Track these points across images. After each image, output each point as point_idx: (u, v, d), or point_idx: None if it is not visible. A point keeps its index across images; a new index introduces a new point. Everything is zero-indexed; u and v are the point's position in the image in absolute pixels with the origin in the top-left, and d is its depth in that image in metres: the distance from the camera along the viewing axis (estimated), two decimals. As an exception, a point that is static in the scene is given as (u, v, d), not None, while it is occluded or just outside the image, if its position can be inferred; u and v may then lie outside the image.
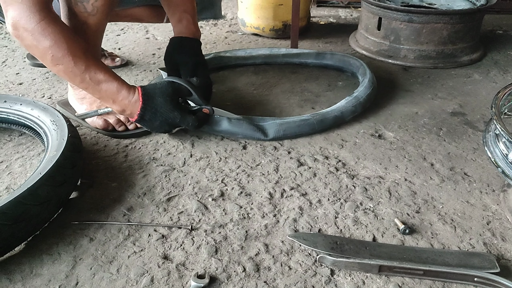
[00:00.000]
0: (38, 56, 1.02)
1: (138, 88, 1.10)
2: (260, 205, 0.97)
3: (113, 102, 1.08)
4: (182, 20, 1.31)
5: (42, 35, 0.97)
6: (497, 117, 0.92)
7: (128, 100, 1.08)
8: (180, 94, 1.14)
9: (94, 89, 1.06)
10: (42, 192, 0.84)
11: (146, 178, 1.06)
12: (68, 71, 1.02)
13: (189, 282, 0.77)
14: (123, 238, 0.87)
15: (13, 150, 1.18)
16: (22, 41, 0.99)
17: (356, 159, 1.13)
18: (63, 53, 0.99)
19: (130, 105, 1.09)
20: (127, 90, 1.08)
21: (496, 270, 0.77)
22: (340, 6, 2.68)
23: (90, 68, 1.03)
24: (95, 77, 1.04)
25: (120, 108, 1.10)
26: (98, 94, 1.08)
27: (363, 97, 1.33)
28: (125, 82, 1.09)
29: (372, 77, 1.44)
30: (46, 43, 0.98)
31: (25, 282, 0.78)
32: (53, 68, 1.03)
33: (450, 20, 1.66)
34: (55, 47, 0.98)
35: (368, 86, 1.38)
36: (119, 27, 2.30)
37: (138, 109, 1.09)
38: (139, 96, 1.08)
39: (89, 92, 1.09)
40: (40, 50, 0.99)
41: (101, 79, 1.05)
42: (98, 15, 1.12)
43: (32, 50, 1.01)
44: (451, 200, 0.98)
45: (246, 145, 1.19)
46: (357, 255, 0.81)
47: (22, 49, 1.98)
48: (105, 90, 1.06)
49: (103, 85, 1.05)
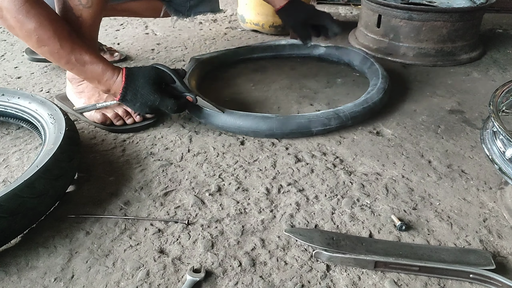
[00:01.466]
0: (22, 37, 1.02)
1: (122, 69, 1.13)
2: (257, 200, 0.97)
3: (98, 82, 1.12)
4: None
5: (26, 17, 0.97)
6: (495, 114, 0.92)
7: (113, 80, 1.12)
8: (163, 79, 1.17)
9: (80, 70, 1.09)
10: (39, 185, 0.84)
11: (143, 173, 1.06)
12: (54, 53, 1.04)
13: (185, 276, 0.77)
14: (119, 232, 0.87)
15: (11, 143, 1.18)
16: (4, 22, 0.99)
17: (354, 155, 1.13)
18: (48, 35, 1.00)
19: (114, 85, 1.13)
20: (111, 71, 1.12)
21: (492, 267, 0.77)
22: (340, 3, 2.68)
23: (76, 49, 1.05)
24: (80, 58, 1.06)
25: (105, 88, 1.14)
26: (84, 75, 1.11)
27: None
28: (110, 63, 1.13)
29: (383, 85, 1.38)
30: (30, 25, 0.98)
31: (21, 275, 0.78)
32: (38, 49, 1.04)
33: (449, 18, 1.66)
34: (40, 29, 0.99)
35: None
36: (119, 22, 2.30)
37: (120, 89, 1.12)
38: (122, 77, 1.12)
39: (74, 73, 1.12)
40: (23, 31, 0.99)
41: (87, 60, 1.08)
42: (93, 7, 1.11)
43: (15, 31, 1.01)
44: (448, 197, 0.98)
45: (244, 141, 1.19)
46: (353, 250, 0.81)
47: (21, 43, 1.98)
48: (90, 71, 1.09)
49: (88, 66, 1.08)
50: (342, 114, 1.21)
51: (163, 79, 1.16)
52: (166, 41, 2.02)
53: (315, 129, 1.19)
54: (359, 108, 1.24)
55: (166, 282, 0.76)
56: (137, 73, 1.14)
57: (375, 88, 1.33)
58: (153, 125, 1.26)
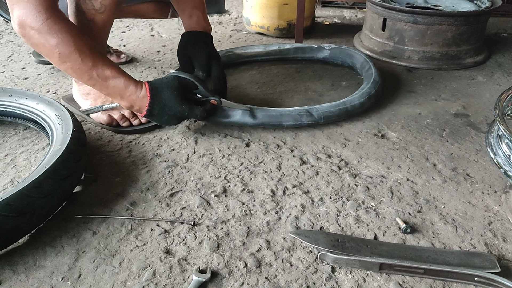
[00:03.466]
0: (45, 54, 1.02)
1: (145, 83, 1.11)
2: (262, 202, 0.97)
3: (121, 98, 1.09)
4: (193, 16, 1.33)
5: (49, 33, 0.97)
6: (500, 118, 0.92)
7: (136, 96, 1.09)
8: (187, 87, 1.15)
9: (102, 86, 1.07)
10: (47, 185, 0.85)
11: (150, 174, 1.06)
12: (76, 68, 1.03)
13: (190, 276, 0.78)
14: (125, 232, 0.88)
15: (18, 143, 1.19)
16: (28, 39, 1.00)
17: (359, 158, 1.13)
18: (70, 50, 1.00)
19: (138, 100, 1.10)
20: (134, 86, 1.09)
21: (497, 270, 0.77)
22: (345, 6, 2.68)
23: (97, 64, 1.04)
24: (102, 73, 1.05)
25: (128, 104, 1.11)
26: (106, 91, 1.08)
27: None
28: (132, 77, 1.10)
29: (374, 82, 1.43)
30: (52, 41, 0.98)
31: (29, 274, 0.78)
32: (61, 66, 1.03)
33: (454, 22, 1.66)
34: (62, 44, 0.99)
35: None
36: (124, 24, 2.31)
37: (146, 104, 1.10)
38: (146, 91, 1.09)
39: (96, 89, 1.09)
40: (47, 48, 0.99)
41: (109, 76, 1.05)
42: (105, 12, 1.13)
43: (39, 49, 1.01)
44: (453, 200, 0.98)
45: (249, 143, 1.19)
46: (358, 253, 0.81)
47: (28, 45, 1.99)
48: (112, 86, 1.07)
49: (110, 81, 1.06)
50: (315, 113, 1.24)
51: (186, 87, 1.15)
52: (171, 43, 2.03)
53: (286, 123, 1.23)
54: (334, 109, 1.27)
55: (172, 282, 0.77)
56: (160, 86, 1.11)
57: (360, 92, 1.35)
58: (159, 126, 1.27)
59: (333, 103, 1.28)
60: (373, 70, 1.49)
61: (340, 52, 1.72)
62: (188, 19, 1.34)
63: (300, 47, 1.78)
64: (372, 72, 1.48)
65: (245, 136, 1.22)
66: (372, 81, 1.40)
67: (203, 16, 1.34)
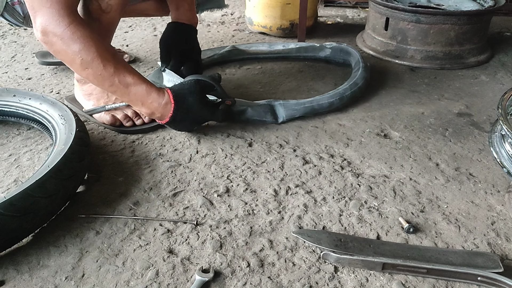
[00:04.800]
0: (67, 61, 1.02)
1: (167, 90, 1.10)
2: (265, 201, 0.97)
3: (142, 104, 1.09)
4: (180, 7, 1.35)
5: (71, 39, 0.97)
6: (503, 117, 0.92)
7: (158, 103, 1.09)
8: (206, 90, 1.16)
9: (123, 92, 1.06)
10: (50, 185, 0.85)
11: (153, 174, 1.07)
12: (97, 75, 1.02)
13: (193, 276, 0.78)
14: (129, 232, 0.88)
15: (22, 143, 1.19)
16: (51, 46, 1.00)
17: (362, 158, 1.13)
18: (92, 56, 1.00)
19: (160, 108, 1.10)
20: (156, 93, 1.08)
21: (500, 269, 0.77)
22: (347, 6, 2.68)
23: (119, 71, 1.03)
24: (124, 80, 1.04)
25: (149, 111, 1.11)
26: (127, 98, 1.08)
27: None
28: (153, 84, 1.10)
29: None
30: (75, 47, 0.98)
31: (32, 273, 0.79)
32: (82, 73, 1.03)
33: (457, 21, 1.66)
34: (84, 50, 0.99)
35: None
36: (127, 24, 2.31)
37: (170, 111, 1.10)
38: (169, 98, 1.09)
39: (117, 96, 1.09)
40: (69, 54, 1.00)
41: (130, 82, 1.05)
42: (111, 13, 1.13)
43: (62, 55, 1.01)
44: (456, 200, 0.98)
45: (252, 143, 1.19)
46: (361, 252, 0.81)
47: (31, 45, 2.00)
48: (134, 93, 1.07)
49: (132, 88, 1.06)
50: (276, 109, 1.29)
51: (206, 90, 1.16)
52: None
53: (251, 118, 1.28)
54: (299, 107, 1.29)
55: (175, 282, 0.77)
56: (183, 92, 1.11)
57: (334, 92, 1.36)
58: (162, 126, 1.27)
59: (300, 101, 1.31)
60: (360, 71, 1.48)
61: (341, 50, 1.72)
62: (175, 10, 1.36)
63: (303, 46, 1.78)
64: (358, 73, 1.47)
65: (247, 136, 1.22)
66: (351, 83, 1.41)
67: (189, 8, 1.36)
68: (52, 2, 0.95)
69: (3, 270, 0.79)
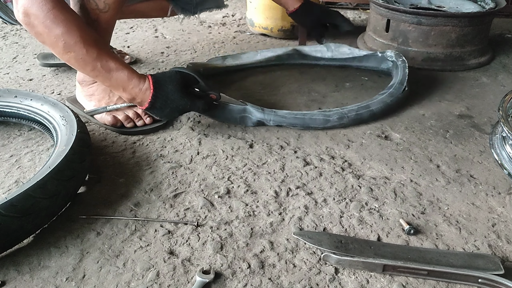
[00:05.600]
0: (48, 44, 1.02)
1: (148, 77, 1.12)
2: (265, 203, 0.97)
3: (123, 90, 1.10)
4: None
5: (54, 22, 0.97)
6: (504, 119, 0.92)
7: (139, 88, 1.10)
8: (188, 82, 1.17)
9: (105, 77, 1.08)
10: (51, 186, 0.85)
11: (153, 175, 1.07)
12: (79, 59, 1.03)
13: (194, 277, 0.78)
14: (129, 233, 0.88)
15: (23, 144, 1.19)
16: (32, 28, 1.00)
17: (362, 159, 1.13)
18: (75, 40, 1.00)
19: (140, 93, 1.11)
20: (137, 79, 1.10)
21: (501, 272, 0.77)
22: (348, 7, 2.68)
23: (102, 56, 1.05)
24: (106, 65, 1.05)
25: (130, 96, 1.12)
26: (109, 82, 1.09)
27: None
28: (135, 71, 1.12)
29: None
30: (58, 31, 0.98)
31: (33, 274, 0.79)
32: (64, 56, 1.04)
33: (458, 23, 1.66)
34: (67, 34, 0.99)
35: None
36: (128, 26, 2.32)
37: (149, 97, 1.11)
38: (149, 84, 1.11)
39: (99, 80, 1.11)
40: (51, 37, 1.00)
41: (112, 67, 1.06)
42: (109, 12, 1.13)
43: (43, 38, 1.01)
44: (457, 202, 0.98)
45: (253, 144, 1.19)
46: (362, 254, 0.81)
47: (33, 46, 2.00)
48: (115, 78, 1.08)
49: (113, 73, 1.07)
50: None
51: (188, 82, 1.17)
52: (175, 44, 2.04)
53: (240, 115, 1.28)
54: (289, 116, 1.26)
55: (175, 283, 0.77)
56: (163, 79, 1.13)
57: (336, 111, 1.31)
58: (163, 127, 1.27)
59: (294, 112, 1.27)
60: (385, 95, 1.36)
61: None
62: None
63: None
64: (380, 97, 1.34)
65: (248, 137, 1.22)
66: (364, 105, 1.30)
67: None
68: None
69: (4, 270, 0.79)
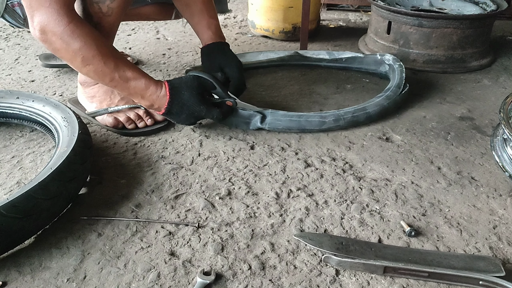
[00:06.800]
0: (67, 59, 1.03)
1: (165, 83, 1.14)
2: (266, 204, 0.97)
3: (142, 97, 1.12)
4: (211, 26, 1.36)
5: (71, 37, 0.99)
6: (505, 121, 0.92)
7: (156, 95, 1.12)
8: (205, 87, 1.18)
9: (123, 87, 1.09)
10: (53, 187, 0.85)
11: (155, 176, 1.07)
12: (98, 71, 1.05)
13: (195, 278, 0.78)
14: (130, 234, 0.89)
15: (24, 145, 1.20)
16: (50, 45, 1.00)
17: (363, 161, 1.13)
18: (93, 53, 1.02)
19: (158, 100, 1.13)
20: (154, 86, 1.12)
21: (502, 274, 0.76)
22: (350, 9, 2.68)
23: (119, 66, 1.06)
24: (124, 75, 1.07)
25: (148, 103, 1.14)
26: (127, 91, 1.11)
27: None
28: (152, 78, 1.13)
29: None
30: (76, 45, 1.00)
31: (34, 275, 0.79)
32: (83, 69, 1.05)
33: (460, 25, 1.66)
34: (85, 48, 1.00)
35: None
36: (130, 27, 2.32)
37: (165, 103, 1.13)
38: (166, 91, 1.12)
39: (117, 90, 1.14)
40: (69, 52, 1.01)
41: (130, 77, 1.08)
42: (113, 16, 1.13)
43: (61, 53, 1.02)
44: (458, 203, 0.98)
45: (254, 146, 1.20)
46: (363, 256, 0.81)
47: (35, 47, 2.01)
48: (133, 87, 1.10)
49: (131, 83, 1.09)
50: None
51: (205, 87, 1.18)
52: (177, 46, 2.04)
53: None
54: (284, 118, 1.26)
55: (176, 284, 0.77)
56: (180, 85, 1.14)
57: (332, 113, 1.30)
58: (164, 129, 1.28)
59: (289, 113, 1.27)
60: (382, 97, 1.36)
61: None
62: (207, 29, 1.36)
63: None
64: (377, 99, 1.35)
65: (249, 139, 1.23)
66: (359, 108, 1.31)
67: (219, 27, 1.38)
68: (51, 2, 0.95)
69: (5, 271, 0.80)
